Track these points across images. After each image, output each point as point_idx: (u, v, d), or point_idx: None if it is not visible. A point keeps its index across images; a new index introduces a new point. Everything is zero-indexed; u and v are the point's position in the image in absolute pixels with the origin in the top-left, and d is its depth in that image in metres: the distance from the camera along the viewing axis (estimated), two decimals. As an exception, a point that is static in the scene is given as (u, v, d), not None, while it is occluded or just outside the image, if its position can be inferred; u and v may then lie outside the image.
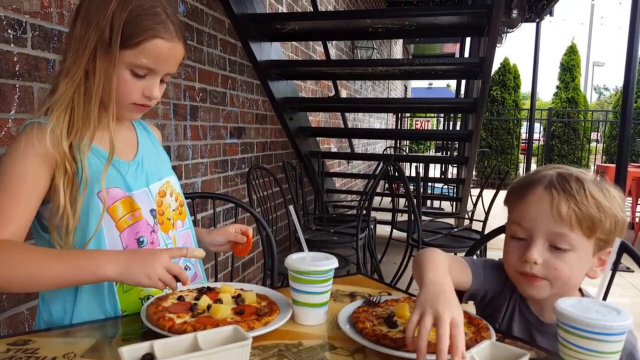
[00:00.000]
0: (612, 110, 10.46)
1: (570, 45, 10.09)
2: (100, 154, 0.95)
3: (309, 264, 0.89)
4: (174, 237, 1.05)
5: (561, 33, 26.64)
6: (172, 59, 0.94)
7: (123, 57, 0.89)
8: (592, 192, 0.84)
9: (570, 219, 0.83)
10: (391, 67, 3.57)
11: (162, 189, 1.04)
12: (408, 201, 2.95)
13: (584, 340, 0.66)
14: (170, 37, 0.91)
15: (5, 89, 1.34)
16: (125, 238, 0.95)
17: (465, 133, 3.85)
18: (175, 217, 1.07)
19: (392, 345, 0.76)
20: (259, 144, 3.18)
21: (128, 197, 0.96)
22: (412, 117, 12.90)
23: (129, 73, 0.91)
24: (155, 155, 1.09)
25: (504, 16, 5.26)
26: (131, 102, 0.94)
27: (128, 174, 0.98)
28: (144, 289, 0.97)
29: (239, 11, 2.69)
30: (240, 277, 2.91)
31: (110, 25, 0.87)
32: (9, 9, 1.34)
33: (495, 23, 2.57)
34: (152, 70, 0.92)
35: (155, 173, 1.04)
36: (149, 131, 1.13)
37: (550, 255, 0.86)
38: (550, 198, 0.85)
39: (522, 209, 0.89)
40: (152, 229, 0.99)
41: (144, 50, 0.89)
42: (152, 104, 0.97)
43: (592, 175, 0.89)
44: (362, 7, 6.37)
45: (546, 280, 0.86)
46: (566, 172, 0.88)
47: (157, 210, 1.01)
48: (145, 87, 0.93)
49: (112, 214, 0.94)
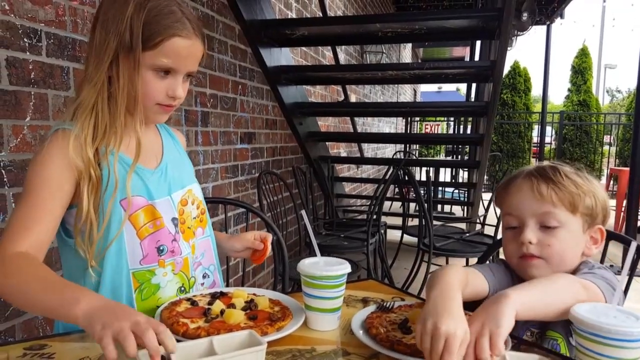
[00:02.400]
0: (625, 112, 10.32)
1: (582, 48, 10.01)
2: (125, 161, 0.95)
3: (322, 268, 0.88)
4: (192, 246, 1.05)
5: (572, 35, 26.45)
6: (191, 56, 0.94)
7: (144, 59, 0.89)
8: (567, 174, 0.94)
9: (551, 197, 0.92)
10: (401, 71, 3.56)
11: (184, 197, 1.04)
12: (419, 206, 2.94)
13: (602, 347, 0.64)
14: (188, 34, 0.91)
15: (20, 96, 1.36)
16: (146, 246, 0.95)
17: (477, 137, 3.83)
18: (196, 225, 1.07)
19: (406, 352, 0.75)
20: (269, 149, 3.19)
21: (150, 205, 0.96)
22: (421, 121, 12.86)
23: (151, 74, 0.91)
24: (179, 162, 1.08)
25: (514, 19, 5.23)
26: (155, 102, 0.94)
27: (151, 182, 0.97)
28: (161, 297, 0.97)
29: (249, 17, 2.71)
30: (251, 282, 2.91)
31: (130, 29, 0.87)
32: (24, 17, 1.37)
33: (506, 26, 2.56)
34: (173, 69, 0.92)
35: (178, 181, 1.04)
36: (174, 136, 1.13)
37: (542, 234, 0.94)
38: (530, 183, 0.95)
39: (509, 200, 0.99)
40: (173, 238, 0.99)
41: (164, 49, 0.89)
42: (176, 104, 0.97)
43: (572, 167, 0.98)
44: (371, 12, 6.39)
45: (542, 259, 0.94)
46: (540, 164, 1.00)
47: (179, 219, 1.01)
48: (169, 87, 0.93)
49: (133, 222, 0.94)
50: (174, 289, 0.99)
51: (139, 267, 0.95)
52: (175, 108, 1.00)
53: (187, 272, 1.02)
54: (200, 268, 1.07)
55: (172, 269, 0.99)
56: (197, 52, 0.95)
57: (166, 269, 0.98)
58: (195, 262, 1.05)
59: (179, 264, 1.00)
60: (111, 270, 0.92)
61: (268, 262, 3.14)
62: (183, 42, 0.91)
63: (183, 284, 1.01)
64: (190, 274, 1.03)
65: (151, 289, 0.96)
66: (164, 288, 0.97)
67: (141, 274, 0.95)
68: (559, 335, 0.92)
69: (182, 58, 0.92)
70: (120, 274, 0.93)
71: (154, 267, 0.96)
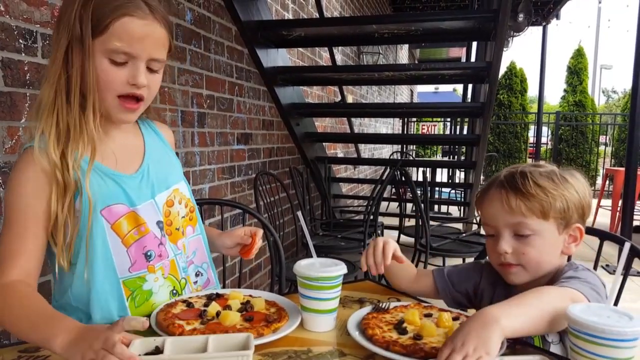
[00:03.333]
0: (621, 113, 10.37)
1: (578, 49, 10.03)
2: (101, 170, 0.92)
3: (317, 270, 0.89)
4: (183, 246, 1.04)
5: (568, 36, 26.57)
6: (147, 38, 0.86)
7: (97, 46, 0.84)
8: (537, 180, 0.95)
9: (520, 209, 0.94)
10: (397, 72, 3.57)
11: (170, 198, 1.01)
12: (415, 206, 2.94)
13: (597, 347, 0.65)
14: (143, 15, 0.85)
15: (16, 97, 1.36)
16: (133, 253, 0.94)
17: (473, 137, 3.84)
18: (185, 224, 1.05)
19: (402, 352, 0.75)
20: (266, 149, 3.19)
21: (132, 212, 0.94)
22: (418, 122, 12.88)
23: (107, 62, 0.85)
24: (164, 160, 1.05)
25: (510, 20, 5.25)
26: (116, 93, 0.88)
27: (131, 188, 0.95)
28: (155, 302, 0.96)
29: (246, 18, 2.71)
30: (248, 283, 2.91)
31: (79, 19, 0.83)
32: (20, 19, 1.36)
33: (502, 27, 2.56)
34: (129, 54, 0.86)
35: (162, 182, 1.01)
36: (158, 132, 1.09)
37: (517, 243, 0.96)
38: (499, 196, 0.97)
39: (484, 210, 1.02)
40: (159, 242, 0.97)
41: (114, 31, 0.84)
42: (139, 93, 0.89)
43: (547, 167, 0.99)
44: (368, 13, 6.40)
45: (519, 266, 0.96)
46: (513, 169, 1.00)
47: (164, 221, 0.99)
48: (129, 75, 0.87)
49: (117, 230, 0.92)
50: (166, 292, 0.98)
51: (128, 275, 0.93)
52: (144, 105, 0.93)
53: (175, 274, 1.00)
54: (192, 266, 1.06)
55: (162, 273, 0.98)
56: (156, 34, 0.88)
57: (156, 274, 0.96)
58: (187, 261, 1.04)
59: (166, 267, 0.98)
60: (101, 281, 0.91)
61: (265, 263, 3.14)
62: (135, 21, 0.85)
63: (174, 287, 1.00)
64: (180, 275, 1.01)
65: (144, 295, 0.95)
66: (156, 293, 0.96)
67: (132, 282, 0.94)
68: None
69: (136, 39, 0.85)
70: (111, 284, 0.92)
71: (144, 273, 0.95)
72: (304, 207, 3.16)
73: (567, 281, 0.87)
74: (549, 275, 0.98)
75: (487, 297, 1.07)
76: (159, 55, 0.90)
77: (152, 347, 0.70)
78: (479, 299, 1.09)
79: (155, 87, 0.93)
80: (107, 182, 0.92)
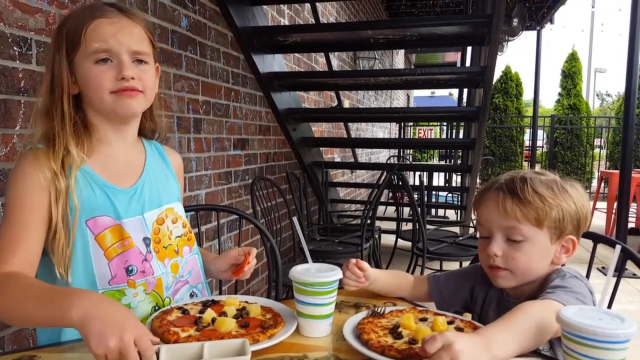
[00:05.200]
0: (615, 116, 10.43)
1: (572, 52, 10.11)
2: (94, 180, 0.94)
3: (313, 275, 0.89)
4: (176, 265, 1.03)
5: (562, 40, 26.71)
6: (122, 31, 0.91)
7: (79, 58, 0.91)
8: (536, 188, 0.94)
9: (515, 214, 0.94)
10: (393, 77, 3.59)
11: (161, 216, 1.01)
12: (412, 210, 2.95)
13: (589, 349, 0.65)
14: (112, 16, 0.92)
15: (10, 105, 1.36)
16: (114, 266, 0.93)
17: (469, 141, 3.86)
18: (182, 243, 1.05)
19: (397, 357, 0.75)
20: (263, 155, 3.20)
21: (117, 225, 0.94)
22: (415, 126, 12.93)
23: (93, 65, 0.91)
24: (161, 180, 1.06)
25: (504, 25, 5.29)
26: (108, 90, 0.92)
27: (120, 202, 0.95)
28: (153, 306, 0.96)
29: (242, 24, 2.72)
30: (245, 289, 2.90)
31: (65, 37, 0.91)
32: (14, 26, 1.37)
33: (496, 32, 2.58)
34: (108, 50, 0.90)
35: (155, 200, 1.01)
36: (164, 155, 1.11)
37: (508, 247, 0.96)
38: (496, 198, 0.97)
39: (480, 211, 1.02)
40: (144, 258, 0.96)
41: (88, 36, 0.90)
42: (130, 84, 0.92)
43: (549, 176, 0.98)
44: (364, 18, 6.43)
45: (507, 270, 0.96)
46: (515, 174, 1.00)
47: (152, 238, 0.98)
48: (116, 71, 0.91)
49: (100, 242, 0.92)
50: (146, 308, 0.97)
51: (108, 287, 0.93)
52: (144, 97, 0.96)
53: (160, 292, 0.99)
54: (187, 287, 1.06)
55: (144, 289, 0.96)
56: (130, 28, 0.93)
57: (137, 289, 0.95)
58: (182, 280, 1.04)
59: (151, 284, 0.97)
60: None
61: (262, 269, 3.13)
62: (105, 20, 0.91)
63: (157, 303, 0.99)
64: (165, 294, 1.00)
65: None
66: (135, 308, 0.95)
67: (111, 294, 0.93)
68: None
69: (110, 36, 0.90)
70: None
71: (124, 287, 0.94)
72: (301, 212, 3.16)
73: (552, 291, 0.87)
74: (537, 281, 0.97)
75: (480, 299, 1.08)
76: (140, 48, 0.94)
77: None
78: (474, 301, 1.09)
79: (147, 78, 0.96)
80: (97, 193, 0.93)
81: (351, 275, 1.05)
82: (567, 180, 0.99)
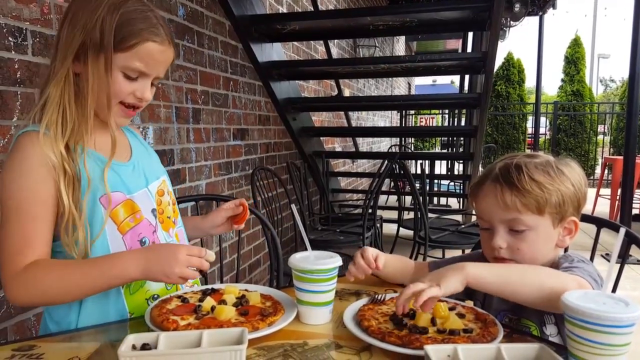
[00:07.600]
0: (619, 102, 10.34)
1: (574, 38, 9.99)
2: (97, 158, 0.95)
3: (312, 262, 0.88)
4: (175, 235, 1.06)
5: (565, 26, 26.46)
6: (164, 63, 0.96)
7: (117, 60, 0.90)
8: (532, 175, 0.93)
9: (515, 205, 0.92)
10: (393, 64, 3.55)
11: (160, 187, 1.06)
12: (414, 199, 2.94)
13: (593, 334, 0.64)
14: (162, 41, 0.93)
15: (6, 96, 1.35)
16: (128, 240, 0.96)
17: (470, 129, 3.83)
18: (176, 215, 1.09)
19: (398, 343, 0.75)
20: (263, 145, 3.18)
21: (129, 199, 0.96)
22: (416, 115, 12.84)
23: (121, 75, 0.92)
24: (147, 154, 1.10)
25: (506, 10, 5.23)
26: (120, 101, 0.94)
27: (127, 176, 0.98)
28: (150, 289, 0.98)
29: (239, 13, 2.69)
30: (247, 279, 2.90)
31: (100, 28, 0.87)
32: (9, 16, 1.35)
33: (497, 17, 2.55)
34: (144, 73, 0.93)
35: (153, 172, 1.05)
36: (135, 133, 1.14)
37: (512, 238, 0.95)
38: (494, 191, 0.95)
39: (478, 204, 1.00)
40: (153, 229, 1.00)
41: (138, 53, 0.90)
42: (142, 105, 0.98)
43: (542, 158, 0.97)
44: (363, 5, 6.36)
45: (513, 261, 0.95)
46: (509, 161, 0.97)
47: (157, 209, 1.02)
48: (137, 89, 0.94)
49: (113, 217, 0.94)
50: None
51: None
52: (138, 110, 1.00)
53: None
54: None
55: None
56: (169, 59, 0.97)
57: None
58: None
59: None
60: None
61: (264, 258, 3.13)
62: (157, 47, 0.92)
63: None
64: None
65: (138, 282, 0.96)
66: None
67: None
68: (532, 324, 0.94)
69: (154, 63, 0.93)
70: None
71: None
72: (302, 202, 3.15)
73: (568, 271, 0.87)
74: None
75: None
76: (163, 74, 0.99)
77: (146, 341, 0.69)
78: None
79: (152, 96, 1.00)
80: (104, 170, 0.94)
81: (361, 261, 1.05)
82: (561, 160, 0.97)
